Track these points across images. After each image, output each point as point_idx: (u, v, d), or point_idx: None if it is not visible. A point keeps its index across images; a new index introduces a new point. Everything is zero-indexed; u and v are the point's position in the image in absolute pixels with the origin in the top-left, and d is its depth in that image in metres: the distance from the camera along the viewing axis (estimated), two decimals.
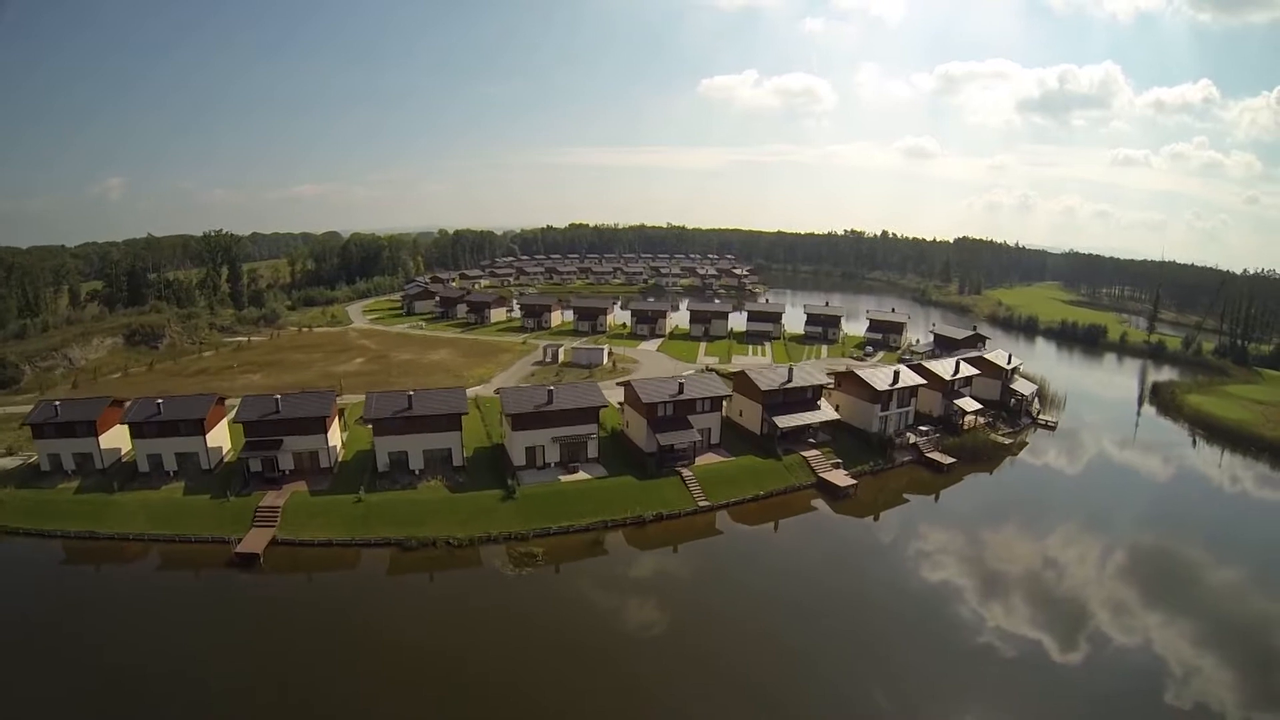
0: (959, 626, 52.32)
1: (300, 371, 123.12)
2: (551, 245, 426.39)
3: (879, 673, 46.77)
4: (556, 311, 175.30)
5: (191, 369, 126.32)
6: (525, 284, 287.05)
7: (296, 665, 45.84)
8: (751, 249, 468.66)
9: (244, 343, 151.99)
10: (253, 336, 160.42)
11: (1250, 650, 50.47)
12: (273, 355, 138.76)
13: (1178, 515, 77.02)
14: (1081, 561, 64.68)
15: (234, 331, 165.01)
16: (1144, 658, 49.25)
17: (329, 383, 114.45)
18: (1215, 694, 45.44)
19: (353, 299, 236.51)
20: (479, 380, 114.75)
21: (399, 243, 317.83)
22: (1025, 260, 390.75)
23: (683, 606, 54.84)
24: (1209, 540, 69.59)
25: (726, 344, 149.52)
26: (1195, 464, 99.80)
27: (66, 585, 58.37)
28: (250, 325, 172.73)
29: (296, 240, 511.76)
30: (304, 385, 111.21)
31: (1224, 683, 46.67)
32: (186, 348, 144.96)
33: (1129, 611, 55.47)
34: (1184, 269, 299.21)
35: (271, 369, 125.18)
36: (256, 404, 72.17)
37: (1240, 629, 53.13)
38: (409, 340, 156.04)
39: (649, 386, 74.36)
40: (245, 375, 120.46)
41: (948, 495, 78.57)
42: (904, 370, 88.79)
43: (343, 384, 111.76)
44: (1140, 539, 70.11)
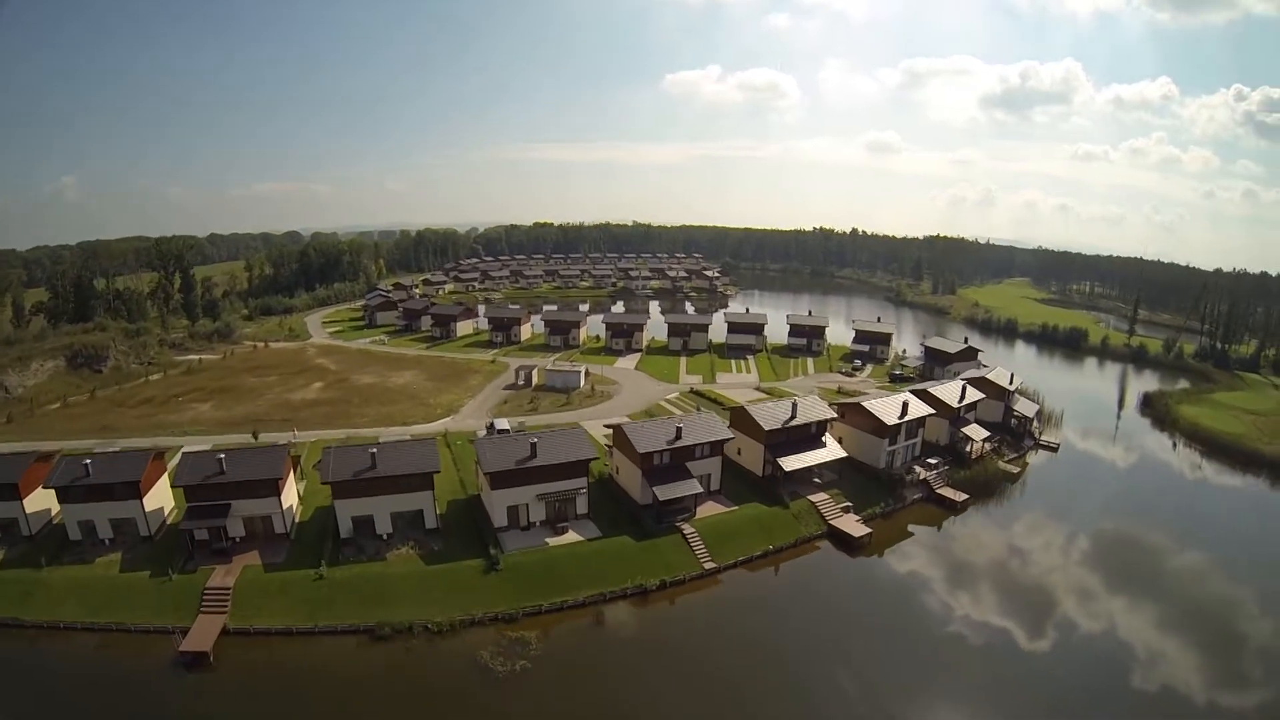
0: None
1: (253, 400, 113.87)
2: (516, 245, 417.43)
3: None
4: (526, 324, 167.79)
5: (136, 398, 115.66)
6: (491, 289, 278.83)
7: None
8: (719, 247, 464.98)
9: (195, 363, 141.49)
10: (205, 355, 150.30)
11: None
12: (225, 379, 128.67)
13: (1213, 552, 73.74)
14: (1153, 629, 59.58)
15: (186, 349, 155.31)
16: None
17: (284, 414, 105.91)
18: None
19: (312, 307, 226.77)
20: (447, 410, 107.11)
21: (360, 246, 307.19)
22: (994, 257, 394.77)
23: (706, 700, 48.71)
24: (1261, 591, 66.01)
25: (708, 359, 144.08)
26: (1208, 488, 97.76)
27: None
28: (203, 341, 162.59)
29: (256, 241, 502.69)
30: (257, 418, 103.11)
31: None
32: (133, 370, 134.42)
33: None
34: (1155, 266, 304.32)
35: (223, 397, 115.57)
36: (198, 464, 63.81)
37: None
38: (371, 359, 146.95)
39: (643, 432, 67.99)
40: (194, 406, 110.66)
41: (966, 542, 74.24)
42: (912, 400, 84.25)
43: (299, 418, 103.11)
44: (1188, 589, 66.61)
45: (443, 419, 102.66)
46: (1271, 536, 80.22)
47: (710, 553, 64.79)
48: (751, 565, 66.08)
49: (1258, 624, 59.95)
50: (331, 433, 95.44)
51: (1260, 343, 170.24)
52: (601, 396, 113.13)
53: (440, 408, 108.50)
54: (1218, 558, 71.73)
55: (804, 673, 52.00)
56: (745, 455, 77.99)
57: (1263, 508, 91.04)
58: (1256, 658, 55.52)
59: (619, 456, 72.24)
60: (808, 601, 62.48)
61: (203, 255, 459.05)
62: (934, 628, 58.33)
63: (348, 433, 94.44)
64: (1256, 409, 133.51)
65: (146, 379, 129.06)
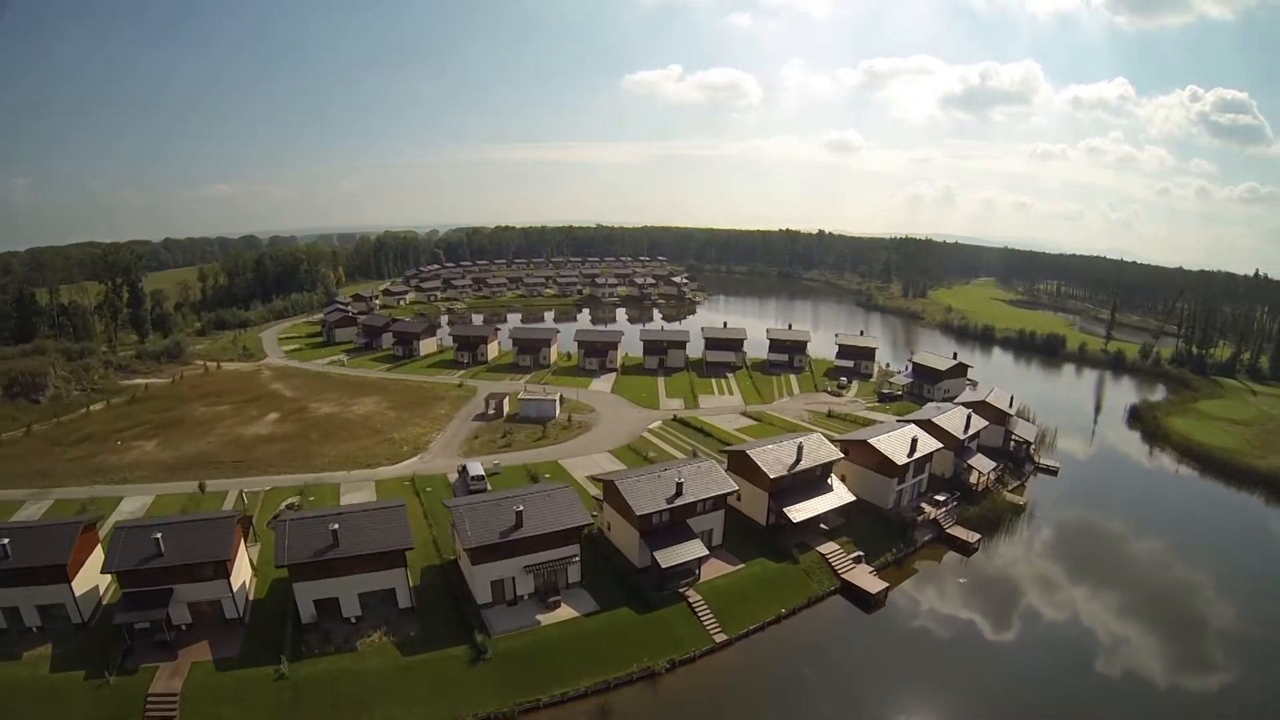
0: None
1: (202, 436, 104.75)
2: (478, 250, 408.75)
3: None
4: (493, 342, 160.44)
5: (75, 435, 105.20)
6: (454, 298, 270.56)
7: None
8: (683, 249, 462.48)
9: (141, 390, 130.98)
10: (153, 378, 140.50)
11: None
12: (172, 409, 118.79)
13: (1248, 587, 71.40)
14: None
15: (132, 371, 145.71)
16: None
17: (235, 453, 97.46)
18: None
19: (268, 320, 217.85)
20: (414, 447, 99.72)
21: (318, 254, 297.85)
22: (961, 257, 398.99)
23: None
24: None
25: (687, 378, 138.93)
26: (1219, 512, 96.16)
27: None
28: (151, 361, 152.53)
29: (212, 246, 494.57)
30: (206, 460, 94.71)
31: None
32: (74, 399, 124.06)
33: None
34: (1123, 266, 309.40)
35: (169, 433, 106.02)
36: (132, 544, 55.76)
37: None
38: (330, 383, 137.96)
39: (640, 490, 62.01)
40: (137, 444, 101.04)
41: (986, 590, 70.31)
42: (920, 435, 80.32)
43: (252, 459, 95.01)
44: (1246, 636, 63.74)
45: (409, 459, 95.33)
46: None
47: (720, 622, 59.46)
48: (764, 631, 61.11)
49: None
50: (288, 479, 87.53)
51: (1236, 348, 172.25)
52: (579, 428, 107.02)
53: (406, 444, 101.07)
54: (1257, 592, 69.51)
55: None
56: (747, 502, 72.99)
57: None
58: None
59: (611, 512, 66.44)
60: (828, 670, 57.49)
61: (157, 261, 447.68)
62: (964, 693, 54.17)
63: (305, 481, 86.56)
64: (1240, 418, 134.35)
65: (88, 409, 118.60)
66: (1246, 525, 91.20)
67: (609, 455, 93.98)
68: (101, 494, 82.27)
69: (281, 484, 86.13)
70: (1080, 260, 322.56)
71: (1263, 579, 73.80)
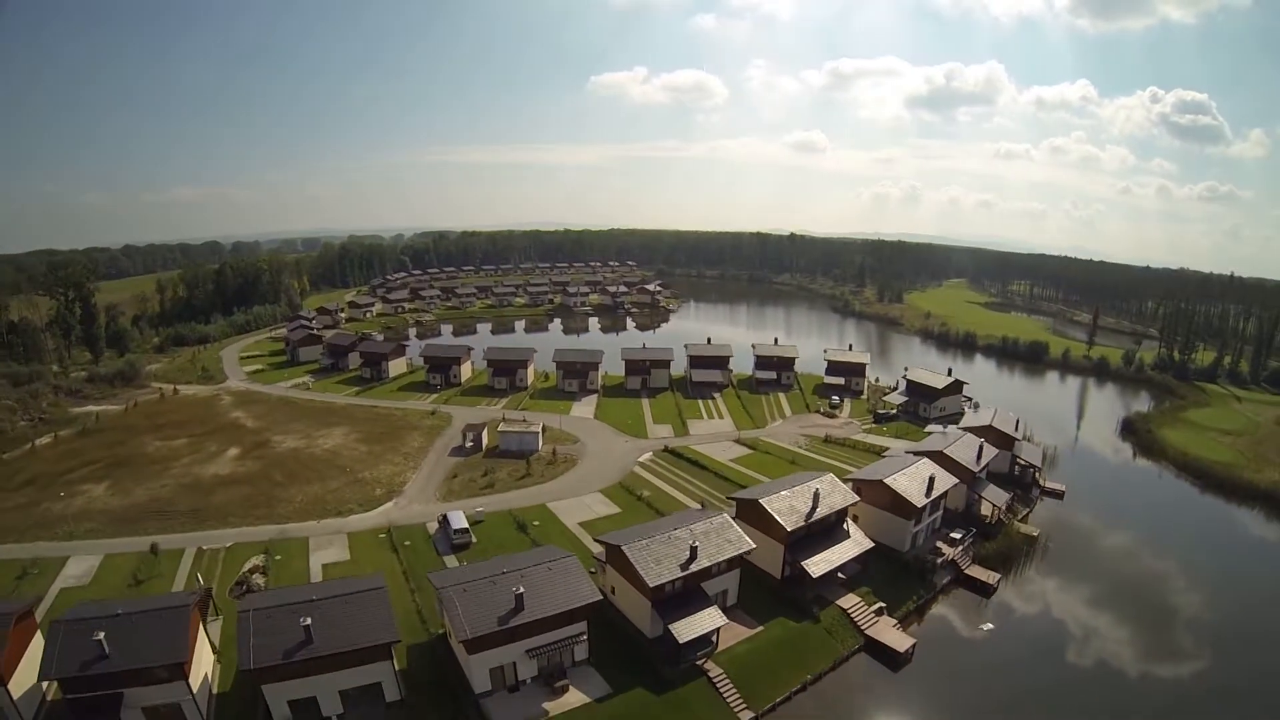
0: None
1: (157, 477, 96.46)
2: (445, 256, 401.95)
3: None
4: (466, 362, 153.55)
5: (18, 478, 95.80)
6: (421, 310, 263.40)
7: None
8: (652, 253, 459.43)
9: (92, 420, 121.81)
10: (106, 405, 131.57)
11: None
12: (125, 444, 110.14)
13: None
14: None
15: (84, 396, 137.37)
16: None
17: (192, 499, 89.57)
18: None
19: (229, 334, 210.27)
20: (389, 489, 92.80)
21: (280, 263, 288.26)
22: (932, 259, 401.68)
23: None
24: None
25: (673, 400, 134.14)
26: (1224, 532, 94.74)
27: None
28: (105, 385, 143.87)
29: (174, 252, 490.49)
30: (159, 508, 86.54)
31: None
32: (20, 431, 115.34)
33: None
34: (1097, 267, 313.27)
35: (120, 474, 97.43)
36: (71, 644, 48.50)
37: None
38: (294, 411, 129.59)
39: (649, 556, 56.34)
40: (85, 489, 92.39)
41: (1014, 638, 66.65)
42: (938, 472, 76.54)
43: (211, 505, 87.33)
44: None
45: (383, 504, 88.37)
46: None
47: (744, 697, 54.46)
48: (790, 702, 56.34)
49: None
50: (251, 531, 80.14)
51: (1218, 353, 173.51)
52: (564, 462, 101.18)
53: (380, 486, 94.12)
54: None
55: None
56: (759, 553, 68.06)
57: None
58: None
59: (615, 575, 60.95)
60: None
61: (117, 268, 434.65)
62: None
63: (270, 535, 79.37)
64: (1229, 427, 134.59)
65: (34, 445, 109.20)
66: (1263, 550, 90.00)
67: (600, 496, 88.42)
68: (45, 553, 74.43)
69: (244, 538, 78.83)
70: (1053, 261, 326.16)
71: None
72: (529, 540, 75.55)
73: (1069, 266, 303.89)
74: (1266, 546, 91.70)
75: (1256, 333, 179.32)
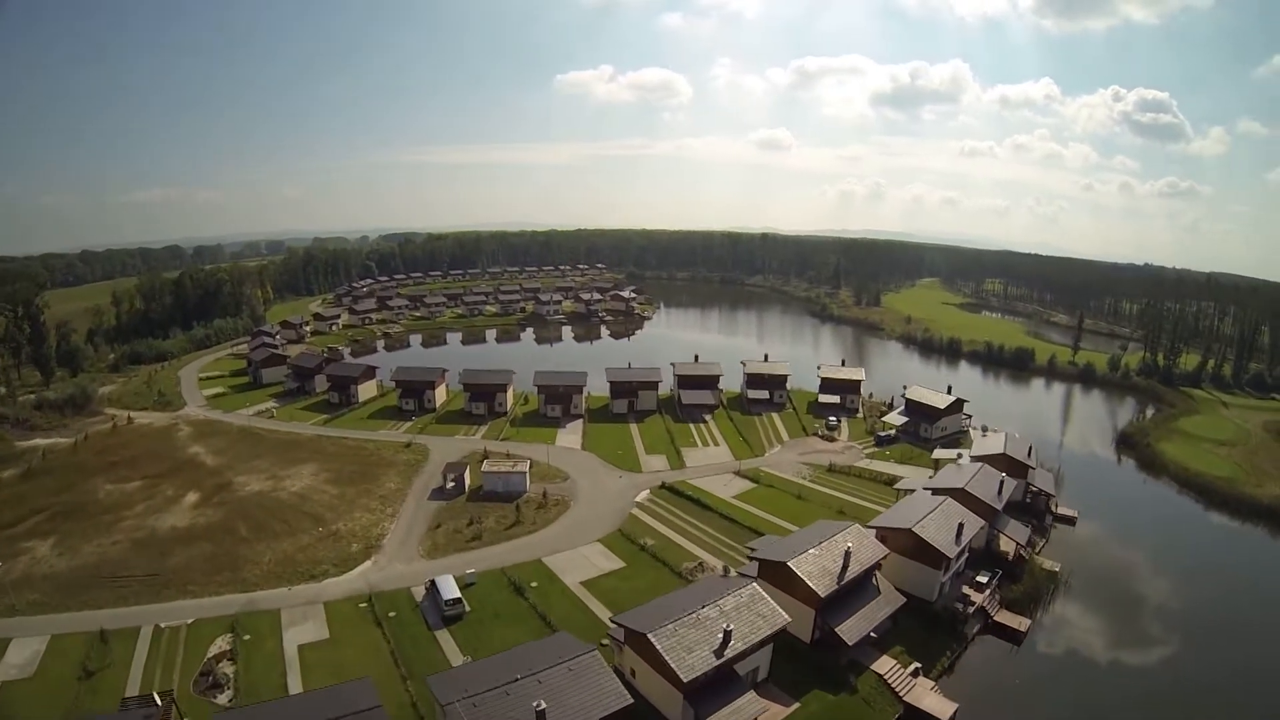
0: None
1: (108, 530, 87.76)
2: (412, 261, 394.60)
3: None
4: (441, 385, 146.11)
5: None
6: (390, 320, 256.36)
7: None
8: (622, 254, 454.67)
9: (39, 457, 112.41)
10: (55, 436, 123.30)
11: None
12: (74, 487, 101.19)
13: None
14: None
15: (31, 427, 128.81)
16: None
17: (147, 559, 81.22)
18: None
19: (189, 350, 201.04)
20: (366, 543, 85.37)
21: (242, 273, 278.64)
22: (905, 258, 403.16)
23: None
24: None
25: (663, 424, 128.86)
26: (1246, 556, 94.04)
27: None
28: (54, 413, 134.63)
29: (134, 258, 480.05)
30: (112, 570, 78.10)
31: None
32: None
33: None
34: (1070, 265, 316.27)
35: (68, 527, 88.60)
36: None
37: None
38: (258, 445, 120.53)
39: (679, 644, 50.34)
40: (28, 547, 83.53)
41: (1056, 691, 63.07)
42: (966, 516, 72.74)
43: (169, 569, 78.95)
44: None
45: (361, 563, 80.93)
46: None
47: None
48: None
49: None
50: (214, 603, 72.28)
51: (1203, 358, 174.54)
52: (556, 504, 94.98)
53: (356, 539, 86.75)
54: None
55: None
56: (785, 611, 63.34)
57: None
58: None
59: (636, 658, 55.32)
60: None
61: (74, 275, 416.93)
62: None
63: (237, 607, 71.86)
64: (1222, 437, 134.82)
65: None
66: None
67: (600, 548, 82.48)
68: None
69: (206, 611, 71.11)
70: (1026, 259, 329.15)
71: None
72: (528, 606, 69.64)
73: (1044, 266, 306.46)
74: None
75: (1238, 336, 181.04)
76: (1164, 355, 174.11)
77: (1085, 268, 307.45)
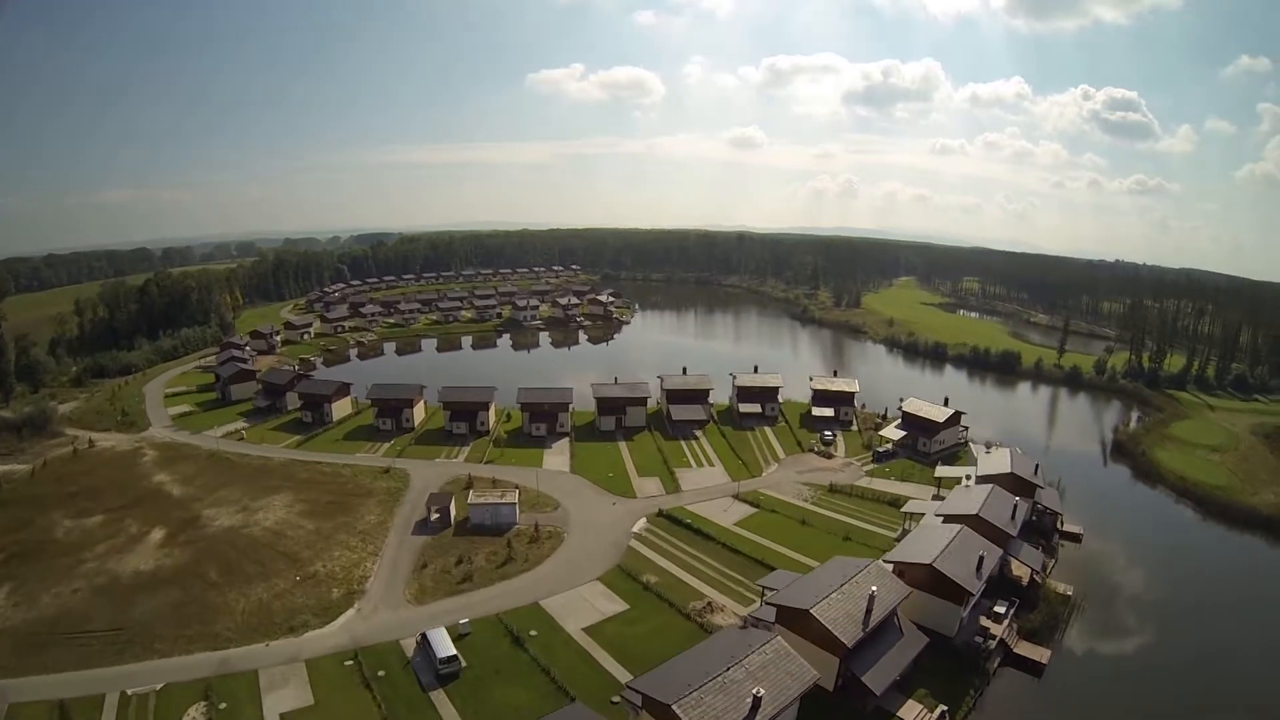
0: None
1: (66, 577, 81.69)
2: (384, 264, 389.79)
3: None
4: (419, 404, 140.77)
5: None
6: (362, 328, 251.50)
7: None
8: (597, 255, 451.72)
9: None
10: (12, 462, 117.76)
11: None
12: (30, 523, 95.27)
13: None
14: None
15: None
16: None
17: (109, 612, 75.24)
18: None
19: (155, 363, 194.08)
20: (348, 589, 79.63)
21: (211, 278, 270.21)
22: (883, 257, 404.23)
23: None
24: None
25: (653, 443, 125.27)
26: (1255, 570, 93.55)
27: None
28: (11, 436, 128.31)
29: (100, 260, 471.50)
30: (71, 625, 72.50)
31: None
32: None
33: None
34: (1048, 263, 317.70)
35: (24, 572, 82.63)
36: None
37: None
38: (228, 472, 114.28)
39: (704, 713, 47.08)
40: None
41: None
42: (986, 547, 70.51)
43: (132, 622, 73.46)
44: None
45: (345, 612, 75.62)
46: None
47: None
48: None
49: None
50: (184, 663, 67.03)
51: (1187, 360, 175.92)
52: (549, 537, 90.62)
53: (336, 583, 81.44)
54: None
55: None
56: (807, 659, 60.36)
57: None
58: None
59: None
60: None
61: (38, 280, 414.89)
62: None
63: (211, 668, 66.67)
64: (1213, 443, 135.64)
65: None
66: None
67: (601, 587, 78.51)
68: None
69: (177, 673, 65.66)
70: (1005, 258, 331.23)
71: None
72: (528, 659, 65.55)
73: (1021, 264, 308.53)
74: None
75: (1221, 338, 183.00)
76: (1149, 358, 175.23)
77: (1062, 266, 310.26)
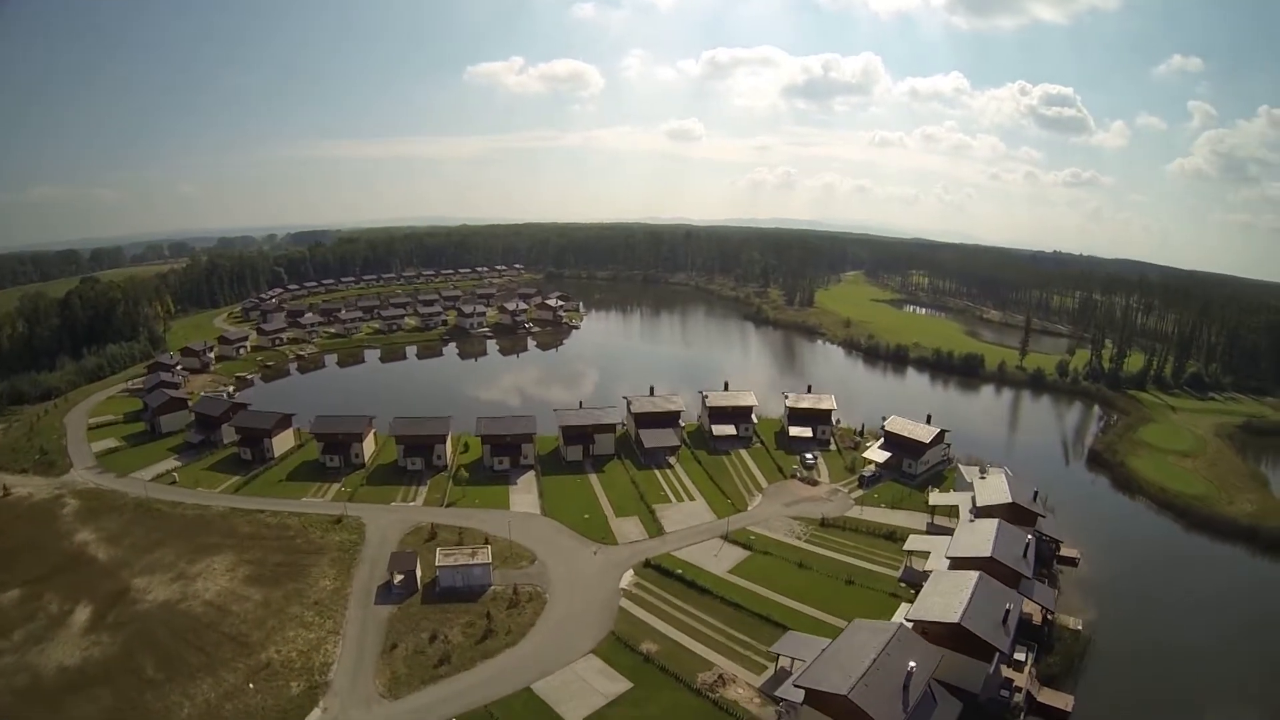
0: None
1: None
2: (323, 266, 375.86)
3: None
4: (369, 436, 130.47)
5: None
6: (302, 339, 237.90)
7: None
8: (540, 253, 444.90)
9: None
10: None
11: None
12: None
13: None
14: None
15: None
16: None
17: (33, 716, 65.23)
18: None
19: (78, 383, 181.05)
20: (309, 683, 68.84)
21: (139, 287, 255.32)
22: (831, 250, 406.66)
23: None
24: None
25: (625, 474, 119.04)
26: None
27: None
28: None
29: (25, 263, 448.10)
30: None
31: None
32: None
33: None
34: (998, 257, 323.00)
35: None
36: None
37: None
38: (159, 526, 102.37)
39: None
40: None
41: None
42: (1009, 596, 67.77)
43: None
44: None
45: (309, 715, 66.43)
46: None
47: None
48: None
49: None
50: None
51: (1146, 361, 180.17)
52: (530, 601, 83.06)
53: (295, 675, 71.28)
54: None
55: None
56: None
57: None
58: None
59: None
60: None
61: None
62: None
63: None
64: (1183, 448, 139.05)
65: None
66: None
67: (598, 662, 71.85)
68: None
69: None
70: (950, 250, 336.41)
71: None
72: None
73: (971, 259, 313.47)
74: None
75: (1176, 337, 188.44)
76: (1110, 359, 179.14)
77: (1009, 261, 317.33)
